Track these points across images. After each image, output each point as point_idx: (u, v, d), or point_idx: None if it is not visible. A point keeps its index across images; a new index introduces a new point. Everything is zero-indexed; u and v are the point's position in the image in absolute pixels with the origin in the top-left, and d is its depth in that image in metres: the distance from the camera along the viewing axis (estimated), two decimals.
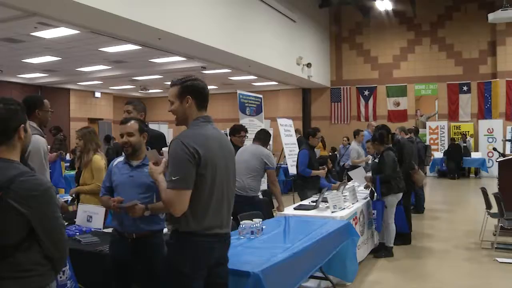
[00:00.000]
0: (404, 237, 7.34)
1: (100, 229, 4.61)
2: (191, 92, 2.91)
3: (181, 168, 2.71)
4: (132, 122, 3.53)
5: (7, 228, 2.08)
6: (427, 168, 15.09)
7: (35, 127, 3.99)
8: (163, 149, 3.12)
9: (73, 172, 8.92)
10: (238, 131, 6.59)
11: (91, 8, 8.37)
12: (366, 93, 20.43)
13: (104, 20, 9.30)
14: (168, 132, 18.20)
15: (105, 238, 4.20)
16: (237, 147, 6.08)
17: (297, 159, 7.48)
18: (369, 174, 7.27)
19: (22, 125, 2.26)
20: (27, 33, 11.82)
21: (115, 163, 3.61)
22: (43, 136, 4.00)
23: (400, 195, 6.80)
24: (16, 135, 2.24)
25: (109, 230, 4.52)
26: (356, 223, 6.02)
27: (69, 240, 2.32)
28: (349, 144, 11.99)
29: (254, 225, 4.27)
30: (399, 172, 6.85)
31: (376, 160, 7.09)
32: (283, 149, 10.82)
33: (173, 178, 2.70)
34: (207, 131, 2.89)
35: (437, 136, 19.01)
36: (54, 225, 2.21)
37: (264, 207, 5.92)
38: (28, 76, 19.64)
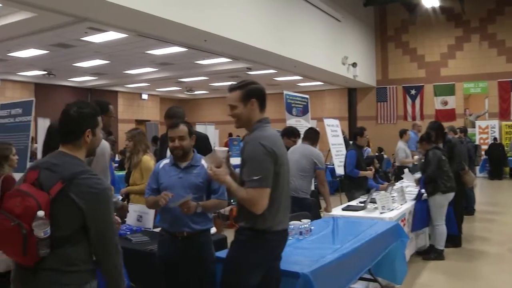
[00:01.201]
0: (454, 239, 7.16)
1: (150, 228, 4.70)
2: (255, 95, 3.03)
3: (262, 167, 2.84)
4: (182, 125, 3.55)
5: (62, 220, 2.21)
6: (477, 168, 14.68)
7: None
8: (215, 148, 3.16)
9: (121, 173, 9.12)
10: (294, 135, 6.57)
11: (138, 12, 8.54)
12: (413, 92, 20.06)
13: (151, 23, 9.46)
14: (215, 133, 18.33)
15: (155, 237, 4.27)
16: (287, 148, 6.07)
17: (345, 159, 7.41)
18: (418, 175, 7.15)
19: (89, 129, 2.43)
20: (77, 38, 12.17)
21: (161, 165, 3.64)
22: (108, 140, 4.10)
23: (451, 195, 6.62)
24: (82, 138, 2.41)
25: (158, 229, 4.60)
26: (404, 224, 5.92)
27: (118, 245, 2.40)
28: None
29: (303, 226, 4.26)
30: (447, 171, 6.66)
31: (423, 160, 6.97)
32: (329, 149, 10.75)
33: (254, 178, 2.82)
34: (274, 132, 3.06)
35: (487, 135, 18.45)
36: (106, 225, 2.32)
37: (311, 208, 5.89)
38: (78, 80, 20.23)
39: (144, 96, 24.76)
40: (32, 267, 2.22)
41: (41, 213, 2.12)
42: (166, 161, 3.65)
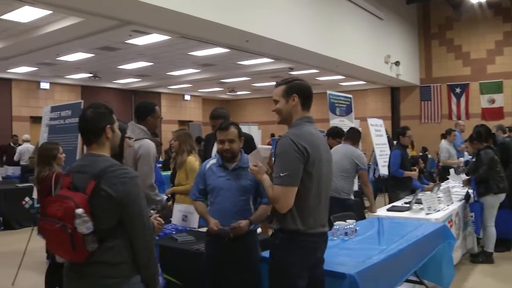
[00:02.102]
0: (507, 243, 6.97)
1: (195, 228, 4.75)
2: (297, 91, 2.99)
3: (290, 165, 2.78)
4: (232, 128, 3.54)
5: (103, 214, 2.35)
6: None
7: (146, 131, 4.20)
8: (258, 146, 3.17)
9: (165, 173, 9.27)
10: (339, 135, 6.54)
11: (181, 14, 8.65)
12: (458, 90, 19.58)
13: (193, 25, 9.56)
14: (257, 133, 18.39)
15: (200, 237, 4.32)
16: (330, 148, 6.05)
17: (389, 159, 7.32)
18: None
19: (109, 125, 2.55)
20: (122, 41, 12.43)
21: (208, 165, 3.66)
22: (153, 141, 4.17)
23: (502, 196, 6.45)
24: (103, 134, 2.53)
25: (203, 229, 4.65)
26: (451, 226, 5.80)
27: (151, 230, 2.55)
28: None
29: (348, 226, 4.23)
30: (500, 171, 6.50)
31: (474, 159, 6.81)
32: (373, 149, 10.64)
33: (281, 175, 2.78)
34: (313, 131, 2.96)
35: None
36: (137, 211, 2.44)
37: (355, 208, 5.85)
38: (122, 82, 20.63)
39: (187, 97, 25.04)
40: (84, 262, 2.37)
41: (79, 210, 2.26)
42: (213, 161, 3.66)
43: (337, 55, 13.48)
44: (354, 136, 6.30)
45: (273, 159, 3.03)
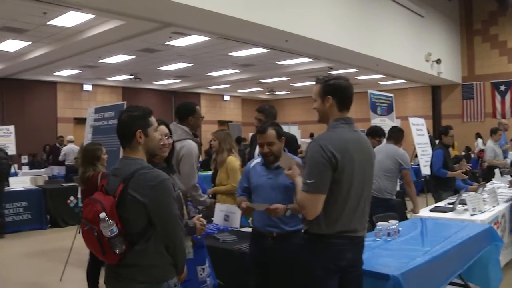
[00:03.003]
0: None
1: (237, 228, 4.78)
2: (332, 91, 2.88)
3: (317, 172, 2.71)
4: (270, 130, 3.51)
5: (131, 217, 2.37)
6: None
7: (188, 131, 4.24)
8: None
9: (205, 173, 9.36)
10: (379, 134, 6.48)
11: (221, 15, 8.72)
12: (502, 88, 19.06)
13: (233, 25, 9.63)
14: (297, 133, 18.36)
15: (242, 237, 4.35)
16: None
17: (431, 159, 7.20)
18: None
19: (139, 130, 2.53)
20: (162, 42, 12.62)
21: (252, 164, 3.69)
22: (195, 141, 4.21)
23: None
24: (134, 138, 2.53)
25: (244, 229, 4.68)
26: (497, 228, 5.66)
27: (182, 235, 2.58)
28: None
29: (391, 227, 4.18)
30: None
31: None
32: (414, 148, 10.48)
33: (308, 182, 2.72)
34: (346, 134, 2.84)
35: None
36: (169, 215, 2.45)
37: (398, 209, 5.77)
38: (162, 83, 20.93)
39: (226, 98, 25.21)
40: (117, 264, 2.42)
41: (102, 215, 2.30)
42: (257, 160, 3.69)
43: (377, 54, 13.35)
44: (397, 136, 6.22)
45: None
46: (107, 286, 2.58)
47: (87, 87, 19.86)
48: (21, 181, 10.66)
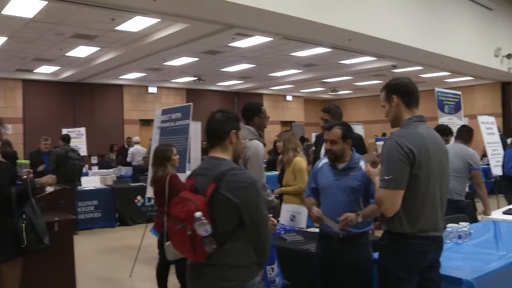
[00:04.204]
0: None
1: (303, 228, 4.78)
2: (395, 90, 2.92)
3: (394, 167, 2.71)
4: (336, 128, 3.50)
5: (222, 217, 2.39)
6: None
7: (254, 132, 4.28)
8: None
9: (268, 173, 9.38)
10: (446, 133, 6.31)
11: (284, 16, 8.71)
12: None
13: (296, 25, 9.60)
14: (361, 133, 18.16)
15: (308, 237, 4.35)
16: None
17: (503, 158, 6.93)
18: None
19: (234, 130, 2.58)
20: (225, 44, 12.78)
21: (320, 164, 3.69)
22: (260, 141, 4.25)
23: None
24: (228, 138, 2.57)
25: (311, 229, 4.67)
26: None
27: (270, 235, 2.60)
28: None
29: (462, 229, 4.05)
30: None
31: None
32: (483, 148, 10.12)
33: (385, 178, 2.72)
34: (422, 131, 2.83)
35: None
36: (260, 216, 2.48)
37: (468, 211, 5.60)
38: (225, 84, 21.20)
39: (289, 98, 25.19)
40: (204, 263, 2.44)
41: (198, 214, 2.33)
42: (325, 160, 3.67)
43: (442, 50, 12.95)
44: (466, 135, 6.04)
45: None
46: (191, 286, 2.61)
47: (152, 89, 20.36)
48: (92, 180, 11.08)
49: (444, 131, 6.38)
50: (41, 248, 4.09)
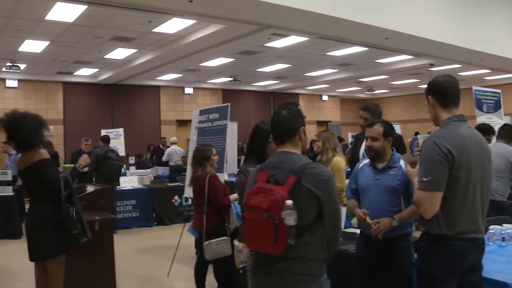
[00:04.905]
0: None
1: (342, 228, 4.73)
2: (430, 91, 2.91)
3: (433, 169, 2.68)
4: (377, 125, 3.49)
5: (302, 209, 2.38)
6: None
7: None
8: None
9: None
10: (487, 132, 6.18)
11: (319, 15, 8.67)
12: None
13: (331, 25, 9.55)
14: (399, 132, 17.91)
15: (347, 238, 4.31)
16: None
17: None
18: None
19: (302, 127, 2.63)
20: (261, 44, 12.81)
21: (360, 165, 3.67)
22: None
23: None
24: (297, 134, 2.61)
25: (348, 229, 4.63)
26: None
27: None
28: None
29: (506, 231, 3.96)
30: None
31: None
32: None
33: (424, 179, 2.69)
34: (461, 130, 2.78)
35: None
36: (338, 209, 2.55)
37: (510, 212, 5.47)
38: (261, 84, 21.23)
39: (325, 97, 25.08)
40: (279, 256, 2.41)
41: (289, 202, 2.33)
42: (365, 161, 3.66)
43: (481, 47, 12.65)
44: (508, 134, 5.90)
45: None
46: (260, 281, 2.59)
47: (188, 90, 20.56)
48: (130, 180, 11.26)
49: (486, 130, 6.25)
50: (84, 242, 4.21)
